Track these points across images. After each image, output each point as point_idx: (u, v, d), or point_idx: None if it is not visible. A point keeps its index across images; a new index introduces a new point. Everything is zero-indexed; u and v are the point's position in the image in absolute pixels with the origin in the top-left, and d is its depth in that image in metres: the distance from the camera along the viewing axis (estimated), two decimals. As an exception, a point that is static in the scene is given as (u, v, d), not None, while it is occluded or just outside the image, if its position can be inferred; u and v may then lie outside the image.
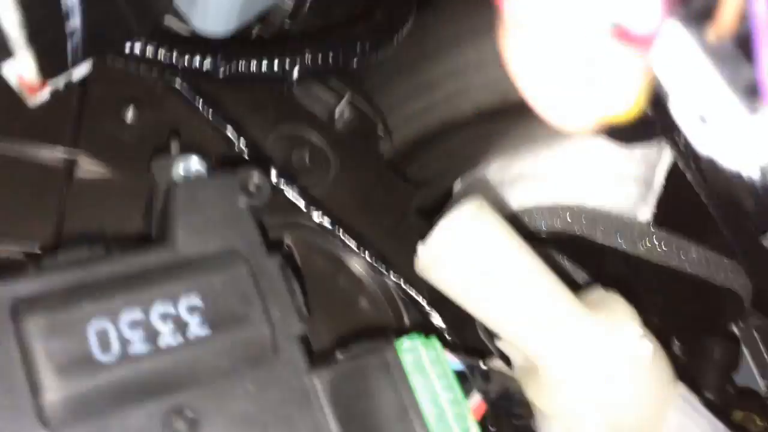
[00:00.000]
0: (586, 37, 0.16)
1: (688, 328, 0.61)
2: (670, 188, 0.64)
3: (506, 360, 0.43)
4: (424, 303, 0.50)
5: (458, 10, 0.63)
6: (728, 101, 0.20)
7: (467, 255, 0.37)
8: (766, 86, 0.19)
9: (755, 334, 0.73)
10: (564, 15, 0.16)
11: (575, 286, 0.41)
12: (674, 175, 0.64)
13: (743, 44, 0.20)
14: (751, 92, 0.20)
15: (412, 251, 0.54)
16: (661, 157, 0.64)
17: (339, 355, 0.35)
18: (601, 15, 0.16)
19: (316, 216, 0.50)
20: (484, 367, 0.42)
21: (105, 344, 0.29)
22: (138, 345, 0.30)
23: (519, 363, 0.42)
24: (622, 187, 0.62)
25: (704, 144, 0.21)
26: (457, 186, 0.69)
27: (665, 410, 0.40)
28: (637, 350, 0.38)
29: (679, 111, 0.21)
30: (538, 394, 0.40)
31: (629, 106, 0.17)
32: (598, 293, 0.41)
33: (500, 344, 0.42)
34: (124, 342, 0.30)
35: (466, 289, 0.38)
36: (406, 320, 0.52)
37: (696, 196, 0.51)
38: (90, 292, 0.30)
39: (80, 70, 0.39)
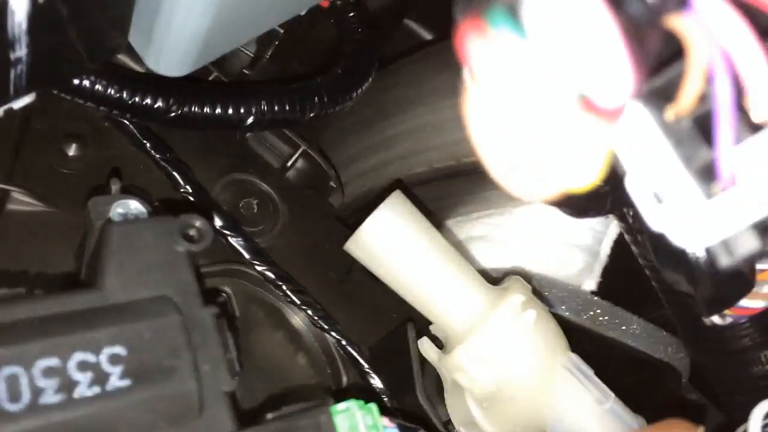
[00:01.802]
0: (551, 107, 0.15)
1: (625, 401, 0.60)
2: (615, 260, 0.65)
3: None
4: (364, 363, 0.49)
5: (419, 72, 0.63)
6: (684, 183, 0.20)
7: (392, 239, 0.46)
8: (722, 168, 0.19)
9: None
10: (531, 83, 0.15)
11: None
12: (620, 247, 0.65)
13: (701, 125, 0.20)
14: (706, 174, 0.20)
15: (356, 308, 0.53)
16: (608, 229, 0.65)
17: (269, 416, 0.33)
18: (568, 86, 0.16)
19: (259, 266, 0.48)
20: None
21: (14, 392, 0.27)
22: (50, 395, 0.28)
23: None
24: (570, 255, 0.62)
25: (658, 222, 0.21)
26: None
27: (552, 373, 0.45)
28: (521, 315, 0.44)
29: (634, 188, 0.21)
30: (443, 361, 0.46)
31: (590, 178, 0.17)
32: (508, 277, 0.49)
33: (432, 328, 0.49)
34: (36, 391, 0.27)
35: (390, 268, 0.47)
36: (345, 380, 0.50)
37: (640, 269, 0.52)
38: (4, 335, 0.28)
39: (23, 100, 0.38)
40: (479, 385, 0.45)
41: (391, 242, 0.46)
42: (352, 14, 0.57)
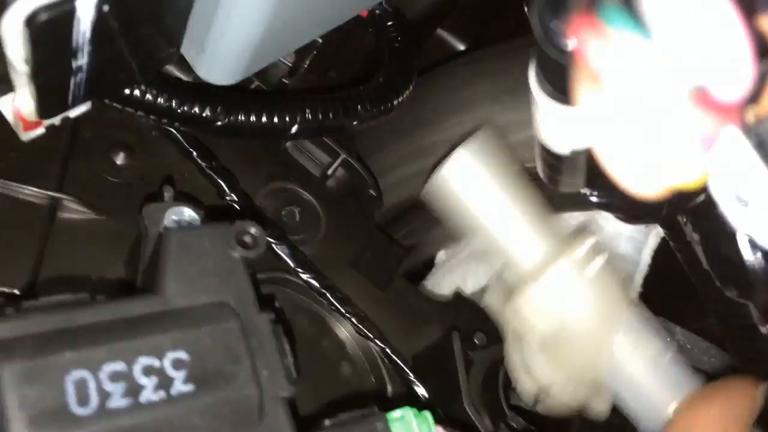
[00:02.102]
0: (664, 100, 0.15)
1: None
2: (656, 269, 0.65)
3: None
4: (409, 372, 0.49)
5: (457, 81, 0.63)
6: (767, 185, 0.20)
7: (472, 183, 0.46)
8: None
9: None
10: (648, 77, 0.15)
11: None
12: (661, 257, 0.64)
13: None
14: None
15: (399, 317, 0.53)
16: (647, 239, 0.64)
17: (326, 422, 0.33)
18: (685, 79, 0.16)
19: (304, 274, 0.48)
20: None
21: (83, 396, 0.27)
22: (118, 399, 0.28)
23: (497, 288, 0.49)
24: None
25: (743, 226, 0.20)
26: (441, 256, 0.69)
27: (614, 322, 0.44)
28: (590, 260, 0.44)
29: (718, 191, 0.20)
30: (504, 305, 0.46)
31: (698, 176, 0.17)
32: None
33: (491, 282, 0.51)
34: (104, 395, 0.28)
35: (469, 206, 0.46)
36: (390, 389, 0.50)
37: (681, 279, 0.51)
38: (71, 339, 0.28)
39: (79, 108, 0.38)
40: (543, 327, 0.44)
41: (473, 180, 0.46)
42: (390, 23, 0.57)
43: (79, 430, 0.27)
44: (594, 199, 0.33)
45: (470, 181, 0.46)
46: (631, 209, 0.33)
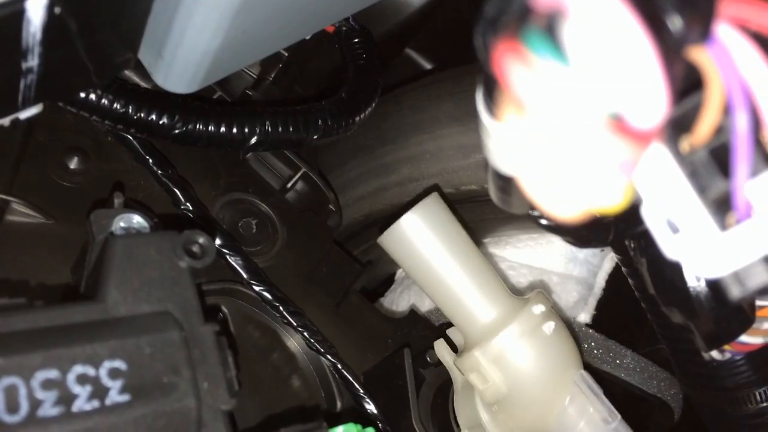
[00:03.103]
0: (582, 126, 0.16)
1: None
2: (609, 293, 0.65)
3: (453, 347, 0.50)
4: (359, 387, 0.48)
5: (420, 99, 0.64)
6: (699, 214, 0.20)
7: (426, 236, 0.48)
8: (738, 200, 0.19)
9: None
10: (565, 104, 0.16)
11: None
12: (614, 281, 0.65)
13: (717, 157, 0.20)
14: (721, 206, 0.20)
15: (351, 333, 0.53)
16: (602, 262, 0.65)
17: (267, 437, 0.33)
18: (601, 106, 0.16)
19: (257, 286, 0.48)
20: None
21: (12, 403, 0.27)
22: (49, 407, 0.27)
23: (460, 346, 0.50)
24: (565, 287, 0.62)
25: (673, 252, 0.21)
26: (400, 273, 0.69)
27: (563, 386, 0.45)
28: (541, 325, 0.45)
29: (650, 217, 0.21)
30: (459, 361, 0.47)
31: (618, 201, 0.17)
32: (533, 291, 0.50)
33: (449, 332, 0.51)
34: (35, 403, 0.27)
35: (420, 264, 0.48)
36: (339, 404, 0.50)
37: (634, 303, 0.52)
38: (4, 345, 0.28)
39: (29, 110, 0.38)
40: (492, 388, 0.45)
41: (424, 240, 0.48)
42: (356, 40, 0.58)
43: (6, 439, 0.26)
44: (542, 222, 0.34)
45: (422, 241, 0.48)
46: (578, 233, 0.34)
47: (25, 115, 0.38)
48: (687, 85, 0.20)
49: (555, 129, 0.16)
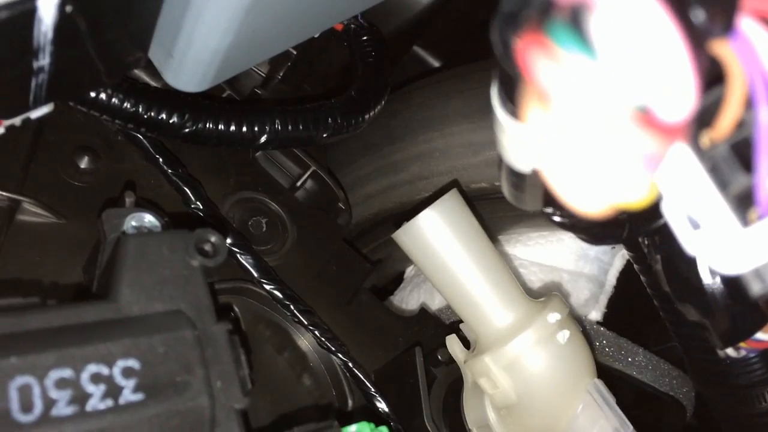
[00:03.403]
0: (608, 120, 0.15)
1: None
2: (620, 291, 0.65)
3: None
4: (370, 386, 0.48)
5: (429, 97, 0.64)
6: (720, 209, 0.20)
7: (443, 234, 0.47)
8: (760, 196, 0.19)
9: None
10: (592, 96, 0.15)
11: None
12: (625, 279, 0.65)
13: (738, 152, 0.20)
14: (743, 202, 0.20)
15: (362, 331, 0.52)
16: (613, 260, 0.65)
17: (280, 436, 0.33)
18: (629, 99, 0.16)
19: (267, 285, 0.48)
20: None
21: (26, 403, 0.27)
22: (63, 407, 0.27)
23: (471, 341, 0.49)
24: (576, 285, 0.62)
25: (693, 248, 0.21)
26: (410, 271, 0.69)
27: (575, 395, 0.45)
28: (555, 333, 0.44)
29: (670, 213, 0.21)
30: (470, 363, 0.46)
31: (643, 195, 0.17)
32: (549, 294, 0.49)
33: (462, 326, 0.50)
34: (49, 402, 0.27)
35: (435, 263, 0.47)
36: (350, 402, 0.50)
37: (645, 301, 0.52)
38: (18, 344, 0.28)
39: (41, 110, 0.37)
40: (501, 393, 0.45)
41: (441, 238, 0.47)
42: (365, 38, 0.57)
43: (20, 438, 0.26)
44: (556, 219, 0.33)
45: (440, 238, 0.47)
46: (592, 230, 0.34)
47: (36, 114, 0.38)
48: (708, 79, 0.20)
49: (581, 122, 0.16)
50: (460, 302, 0.47)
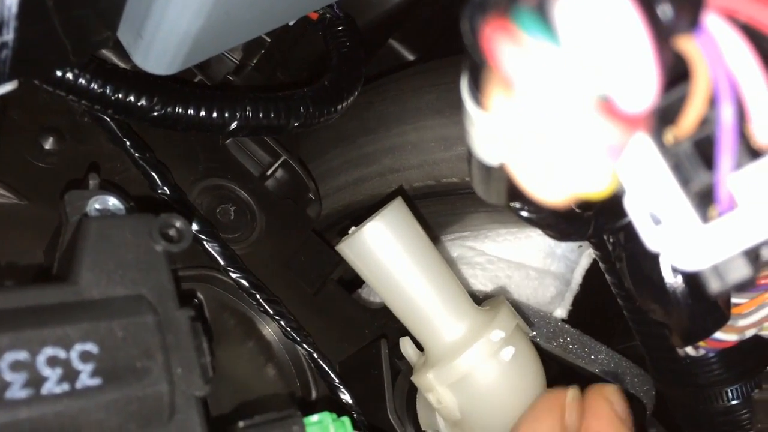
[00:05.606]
0: (571, 107, 0.15)
1: None
2: (586, 289, 0.66)
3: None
4: (334, 377, 0.48)
5: (403, 90, 0.64)
6: (681, 205, 0.20)
7: (387, 247, 0.46)
8: (721, 193, 0.19)
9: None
10: (554, 83, 0.15)
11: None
12: (591, 278, 0.65)
13: (701, 149, 0.20)
14: (704, 198, 0.20)
15: (328, 322, 0.52)
16: (580, 258, 0.65)
17: (240, 424, 0.33)
18: (591, 87, 0.16)
19: (233, 273, 0.48)
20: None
21: (-21, 385, 0.26)
22: (17, 390, 0.27)
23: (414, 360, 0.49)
24: (543, 282, 0.62)
25: (654, 243, 0.21)
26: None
27: (521, 409, 0.43)
28: (499, 351, 0.44)
29: (632, 208, 0.21)
30: (416, 375, 0.46)
31: (604, 185, 0.17)
32: (495, 297, 0.49)
33: (402, 342, 0.50)
34: (2, 385, 0.26)
35: (380, 276, 0.46)
36: (314, 393, 0.49)
37: (610, 300, 0.52)
38: (-28, 325, 0.27)
39: (4, 87, 0.37)
40: (446, 410, 0.45)
41: (387, 251, 0.45)
42: (340, 28, 0.57)
43: (-28, 421, 0.26)
44: (523, 213, 0.34)
45: (385, 253, 0.45)
46: (558, 226, 0.34)
47: (0, 91, 0.37)
48: (673, 76, 0.20)
49: (544, 109, 0.16)
50: (407, 316, 0.46)
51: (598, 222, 0.35)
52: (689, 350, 0.46)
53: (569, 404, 0.40)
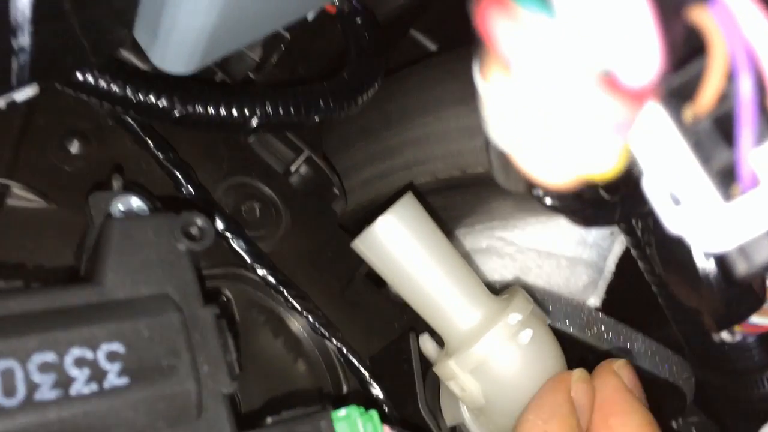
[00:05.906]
0: (572, 85, 0.15)
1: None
2: (619, 277, 0.65)
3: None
4: (365, 371, 0.48)
5: (425, 81, 0.63)
6: (702, 185, 0.19)
7: (400, 241, 0.46)
8: (742, 170, 0.19)
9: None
10: (553, 60, 0.15)
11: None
12: (624, 265, 0.64)
13: (721, 126, 0.19)
14: (726, 176, 0.19)
15: (357, 317, 0.52)
16: (612, 245, 0.64)
17: (268, 420, 0.33)
18: (592, 62, 0.15)
19: (261, 270, 0.48)
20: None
21: (9, 387, 0.26)
22: (46, 391, 0.27)
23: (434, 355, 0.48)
24: (575, 271, 0.61)
25: (675, 225, 0.20)
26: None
27: None
28: (517, 334, 0.44)
29: (651, 189, 0.20)
30: (438, 366, 0.46)
31: (610, 165, 0.16)
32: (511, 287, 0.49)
33: (422, 338, 0.49)
34: (32, 386, 0.27)
35: (395, 270, 0.46)
36: (345, 388, 0.49)
37: (644, 287, 0.51)
38: (0, 327, 0.27)
39: (25, 92, 0.37)
40: (470, 397, 0.44)
41: (400, 244, 0.46)
42: (359, 20, 0.57)
43: (3, 421, 0.26)
44: (547, 201, 0.33)
45: (401, 241, 0.46)
46: (584, 212, 0.33)
47: (21, 96, 0.37)
48: (688, 50, 0.19)
49: (543, 87, 0.15)
50: (424, 308, 0.46)
51: (626, 206, 0.34)
52: (725, 336, 0.45)
53: (575, 382, 0.41)
